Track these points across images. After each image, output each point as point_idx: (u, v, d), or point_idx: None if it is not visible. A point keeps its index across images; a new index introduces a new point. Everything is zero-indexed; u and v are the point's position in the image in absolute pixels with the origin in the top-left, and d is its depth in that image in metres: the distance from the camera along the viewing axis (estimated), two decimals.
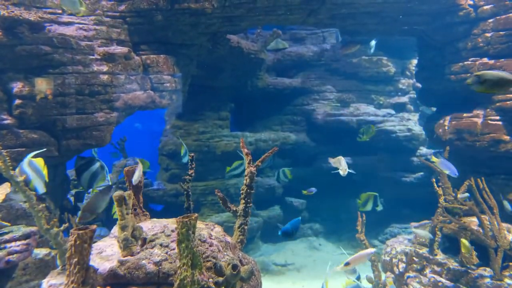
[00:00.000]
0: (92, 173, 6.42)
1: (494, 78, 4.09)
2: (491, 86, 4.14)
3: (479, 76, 4.10)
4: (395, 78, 12.69)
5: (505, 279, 5.77)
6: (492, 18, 7.17)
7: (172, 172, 10.92)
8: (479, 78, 4.09)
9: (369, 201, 8.08)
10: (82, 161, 6.60)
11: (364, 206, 8.09)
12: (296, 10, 7.63)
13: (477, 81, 4.12)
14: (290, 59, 12.55)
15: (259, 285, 3.79)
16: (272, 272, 9.53)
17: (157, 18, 7.01)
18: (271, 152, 4.31)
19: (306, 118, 12.28)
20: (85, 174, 6.41)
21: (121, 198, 3.31)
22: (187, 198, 4.66)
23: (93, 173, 6.43)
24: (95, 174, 6.45)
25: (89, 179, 6.36)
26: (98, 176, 6.44)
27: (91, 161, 6.57)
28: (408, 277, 6.71)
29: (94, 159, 6.62)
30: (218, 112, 11.63)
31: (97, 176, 6.44)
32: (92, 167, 6.47)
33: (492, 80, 4.09)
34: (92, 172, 6.42)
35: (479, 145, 7.18)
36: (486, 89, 4.19)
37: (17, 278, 4.97)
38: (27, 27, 5.90)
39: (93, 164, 6.51)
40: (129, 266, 3.10)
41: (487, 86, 4.13)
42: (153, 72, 7.35)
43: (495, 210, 6.11)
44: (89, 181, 6.38)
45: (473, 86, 4.19)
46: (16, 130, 5.91)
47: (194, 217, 2.75)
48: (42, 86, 6.01)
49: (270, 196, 11.40)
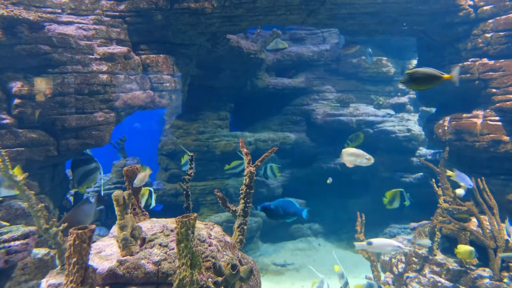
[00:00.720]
0: (86, 171, 6.45)
1: (424, 75, 4.40)
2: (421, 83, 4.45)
3: (410, 75, 4.38)
4: (395, 78, 12.70)
5: (504, 280, 5.78)
6: (492, 18, 7.17)
7: (172, 172, 10.92)
8: (411, 76, 4.37)
9: (396, 198, 7.93)
10: (81, 157, 6.63)
11: (392, 203, 7.94)
12: (295, 10, 7.62)
13: (409, 80, 4.40)
14: (290, 59, 12.55)
15: (258, 285, 3.78)
16: (271, 272, 9.53)
17: (157, 18, 7.01)
18: (271, 152, 4.31)
19: (305, 118, 12.29)
20: (79, 169, 6.42)
21: (120, 198, 3.30)
22: (187, 198, 4.66)
23: (86, 171, 6.46)
24: (88, 172, 6.47)
25: (81, 176, 6.39)
26: (90, 176, 6.47)
27: (89, 160, 6.59)
28: (407, 278, 6.71)
29: (93, 158, 6.63)
30: (218, 112, 11.64)
31: (90, 175, 6.47)
32: (89, 166, 6.49)
33: (423, 77, 4.40)
34: (86, 170, 6.45)
35: (479, 146, 7.18)
36: (418, 86, 4.57)
37: (16, 277, 4.96)
38: (26, 27, 5.89)
39: (90, 163, 6.53)
40: (128, 266, 3.10)
41: (419, 83, 4.46)
42: (152, 71, 7.34)
43: (495, 210, 6.12)
44: (81, 178, 6.41)
45: (406, 84, 4.47)
46: (15, 129, 5.90)
47: (193, 217, 2.75)
48: (41, 86, 6.00)
49: (269, 196, 11.39)
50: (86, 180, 6.49)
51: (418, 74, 4.41)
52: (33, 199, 4.47)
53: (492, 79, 7.10)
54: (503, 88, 6.97)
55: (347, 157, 6.10)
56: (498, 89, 7.04)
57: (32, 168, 6.05)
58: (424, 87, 4.66)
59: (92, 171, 6.52)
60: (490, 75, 7.13)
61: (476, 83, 7.38)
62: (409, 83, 4.44)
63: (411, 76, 4.39)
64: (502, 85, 6.98)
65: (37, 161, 6.11)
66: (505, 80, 6.95)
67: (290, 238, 11.68)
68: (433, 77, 4.41)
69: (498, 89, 7.04)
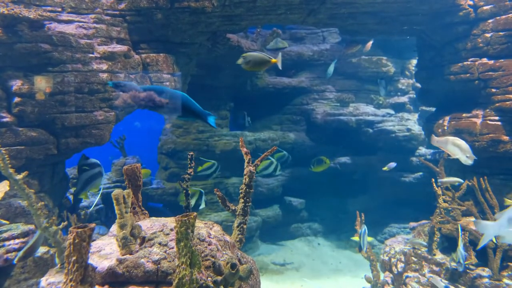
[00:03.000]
0: (90, 176, 6.48)
1: (256, 58, 5.19)
2: (253, 65, 5.21)
3: (245, 57, 5.16)
4: (395, 78, 12.71)
5: (503, 279, 5.79)
6: (491, 18, 7.17)
7: (171, 171, 10.93)
8: (245, 59, 5.15)
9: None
10: (87, 161, 6.64)
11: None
12: (296, 10, 7.62)
13: (244, 61, 5.17)
14: (290, 58, 12.54)
15: (257, 284, 3.79)
16: (271, 271, 9.54)
17: (157, 17, 7.00)
18: (270, 151, 4.31)
19: (305, 117, 12.29)
20: (84, 175, 6.46)
21: (120, 197, 3.30)
22: (186, 197, 4.66)
23: (91, 176, 6.49)
24: (92, 178, 6.51)
25: (85, 181, 6.42)
26: (93, 182, 6.50)
27: (94, 164, 6.61)
28: (406, 277, 6.72)
29: (97, 163, 6.65)
30: (218, 111, 11.64)
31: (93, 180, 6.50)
32: (93, 170, 6.52)
33: (254, 60, 5.18)
34: (90, 175, 6.48)
35: (478, 145, 7.18)
36: (251, 67, 5.26)
37: (15, 276, 4.97)
38: (26, 25, 5.89)
39: (95, 168, 6.56)
40: (128, 265, 3.10)
41: (251, 65, 5.19)
42: (152, 70, 7.34)
43: (496, 210, 6.13)
44: (85, 183, 6.44)
45: (242, 66, 5.19)
46: (15, 128, 5.90)
47: (193, 216, 2.75)
48: (41, 84, 6.00)
49: (269, 196, 11.41)
50: (89, 185, 6.51)
51: (251, 57, 5.16)
52: (32, 197, 4.47)
53: (492, 79, 7.10)
54: (502, 88, 6.97)
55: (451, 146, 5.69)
56: (497, 89, 7.04)
57: (32, 167, 6.06)
58: (257, 68, 5.44)
59: (95, 176, 6.54)
60: (489, 75, 7.13)
61: (475, 83, 7.38)
62: (244, 64, 5.16)
63: (245, 59, 5.15)
64: (502, 85, 6.98)
65: (37, 160, 6.11)
66: (504, 80, 6.95)
67: (290, 237, 11.69)
68: (262, 61, 5.21)
69: (497, 89, 7.04)
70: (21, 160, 5.90)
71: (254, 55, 5.21)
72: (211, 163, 9.61)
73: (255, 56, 5.21)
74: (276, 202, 11.75)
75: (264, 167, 9.68)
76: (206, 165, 9.61)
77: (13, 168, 4.44)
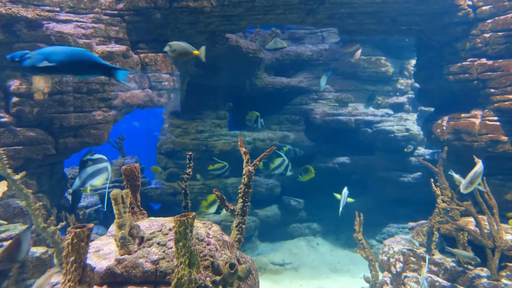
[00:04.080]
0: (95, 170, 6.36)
1: (180, 48, 5.51)
2: (178, 54, 5.52)
3: (170, 45, 5.47)
4: (394, 78, 12.70)
5: (502, 279, 5.79)
6: (490, 18, 7.17)
7: (170, 171, 10.91)
8: (171, 47, 5.47)
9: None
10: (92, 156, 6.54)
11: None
12: (295, 10, 7.62)
13: (170, 49, 5.47)
14: (289, 58, 12.54)
15: (256, 284, 3.78)
16: (269, 271, 9.54)
17: (156, 17, 6.99)
18: (269, 151, 4.31)
19: (304, 117, 12.28)
20: (88, 169, 6.34)
21: (119, 197, 3.30)
22: (185, 197, 4.65)
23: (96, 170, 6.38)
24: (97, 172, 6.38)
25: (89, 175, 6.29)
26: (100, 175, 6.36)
27: (99, 160, 6.50)
28: (405, 277, 6.72)
29: (105, 159, 6.55)
30: (217, 111, 11.63)
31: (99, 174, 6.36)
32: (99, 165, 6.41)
33: (178, 50, 5.50)
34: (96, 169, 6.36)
35: (477, 146, 7.19)
36: (175, 56, 5.57)
37: (13, 276, 4.95)
38: (24, 25, 5.88)
39: (101, 162, 6.46)
40: (126, 265, 3.09)
41: (176, 54, 5.51)
42: (151, 70, 7.33)
43: (494, 210, 6.13)
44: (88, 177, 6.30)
45: (168, 54, 5.53)
46: (13, 128, 5.89)
47: (192, 216, 2.75)
48: (39, 84, 5.99)
49: (268, 195, 11.40)
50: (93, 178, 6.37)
51: (176, 46, 5.48)
52: (31, 197, 4.47)
53: (491, 79, 7.10)
54: (501, 88, 6.98)
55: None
56: (496, 89, 7.05)
57: (30, 167, 6.04)
58: (181, 57, 5.70)
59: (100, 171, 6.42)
60: (488, 75, 7.13)
61: (474, 83, 7.39)
62: (170, 52, 5.47)
63: (171, 47, 5.46)
64: (501, 85, 6.98)
65: (35, 160, 6.09)
66: (503, 80, 6.95)
67: (289, 237, 11.68)
68: (186, 51, 5.53)
69: (496, 89, 7.05)
70: (19, 160, 5.88)
71: (179, 45, 5.51)
72: (223, 164, 9.66)
73: (180, 45, 5.52)
74: (275, 202, 11.74)
75: (276, 166, 9.67)
76: (217, 165, 9.64)
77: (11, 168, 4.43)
